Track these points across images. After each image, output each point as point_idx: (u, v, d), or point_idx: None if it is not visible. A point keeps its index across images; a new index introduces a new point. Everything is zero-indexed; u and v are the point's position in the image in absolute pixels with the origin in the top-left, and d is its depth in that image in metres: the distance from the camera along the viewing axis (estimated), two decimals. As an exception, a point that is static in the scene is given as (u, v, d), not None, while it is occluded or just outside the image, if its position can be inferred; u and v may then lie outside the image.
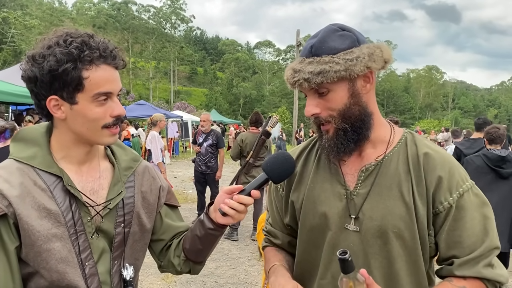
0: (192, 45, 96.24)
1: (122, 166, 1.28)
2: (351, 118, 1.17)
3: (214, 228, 1.25)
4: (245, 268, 5.19)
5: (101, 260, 1.17)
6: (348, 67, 1.10)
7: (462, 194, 1.15)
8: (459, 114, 76.53)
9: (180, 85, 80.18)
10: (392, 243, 1.15)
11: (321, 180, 1.27)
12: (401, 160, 1.19)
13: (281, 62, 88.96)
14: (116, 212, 1.21)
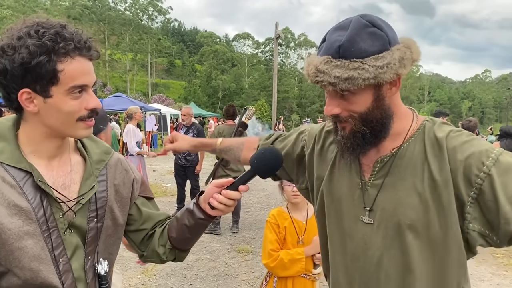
0: (170, 37, 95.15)
1: (94, 159, 1.24)
2: (372, 122, 1.14)
3: (204, 218, 1.26)
4: (225, 260, 5.20)
5: (75, 256, 1.15)
6: (377, 75, 1.05)
7: (497, 158, 1.06)
8: (435, 106, 77.82)
9: (158, 78, 79.19)
10: (405, 234, 1.12)
11: (342, 166, 1.28)
12: (418, 149, 1.16)
13: (260, 55, 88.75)
14: (89, 207, 1.18)
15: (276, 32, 26.38)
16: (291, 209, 2.54)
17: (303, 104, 72.60)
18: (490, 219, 1.06)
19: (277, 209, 2.59)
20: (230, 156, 1.67)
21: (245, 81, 76.33)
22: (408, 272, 1.14)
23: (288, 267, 2.38)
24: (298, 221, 2.50)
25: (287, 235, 2.47)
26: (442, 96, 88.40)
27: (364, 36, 1.06)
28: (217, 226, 6.40)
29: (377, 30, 1.08)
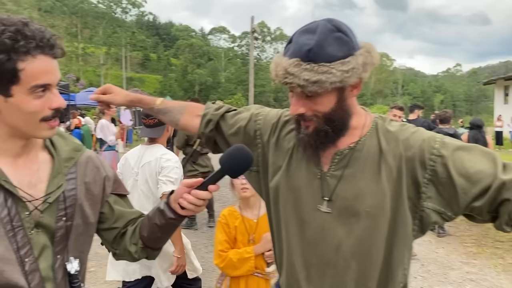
0: (145, 30, 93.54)
1: (63, 157, 1.22)
2: (334, 122, 1.21)
3: (175, 218, 1.26)
4: (202, 255, 5.21)
5: (43, 255, 1.13)
6: (343, 79, 1.12)
7: (443, 141, 1.20)
8: (408, 99, 79.20)
9: (133, 72, 77.94)
10: (363, 221, 1.20)
11: (299, 157, 1.32)
12: (373, 143, 1.25)
13: (236, 49, 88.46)
14: (57, 206, 1.16)
15: (252, 26, 26.32)
16: (243, 208, 2.52)
17: (280, 98, 72.78)
18: (446, 196, 1.18)
19: (228, 209, 2.57)
20: (168, 118, 1.60)
21: (221, 75, 75.97)
22: (365, 255, 1.22)
23: (237, 267, 2.37)
24: (249, 219, 2.48)
25: (238, 234, 2.46)
26: (415, 89, 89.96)
27: (331, 41, 1.12)
28: (193, 221, 6.42)
29: (343, 36, 1.14)
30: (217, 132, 1.52)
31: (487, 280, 4.61)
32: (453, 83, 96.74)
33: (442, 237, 6.26)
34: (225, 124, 1.51)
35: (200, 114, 1.56)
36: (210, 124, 1.51)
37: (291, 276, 1.31)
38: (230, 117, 1.51)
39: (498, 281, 4.61)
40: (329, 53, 1.11)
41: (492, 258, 5.33)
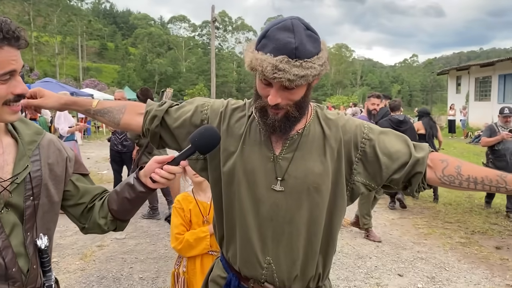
0: (101, 19, 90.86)
1: (26, 140, 1.29)
2: (302, 108, 1.36)
3: (145, 191, 1.36)
4: (165, 243, 5.27)
5: (14, 233, 1.20)
6: (320, 72, 1.27)
7: (369, 127, 1.46)
8: (366, 90, 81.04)
9: (90, 61, 75.66)
10: (312, 195, 1.37)
11: (251, 143, 1.44)
12: (317, 128, 1.43)
13: (197, 38, 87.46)
14: (25, 186, 1.23)
15: (213, 16, 26.12)
16: (196, 192, 2.63)
17: (242, 89, 72.84)
18: (371, 171, 1.43)
19: (183, 194, 2.68)
20: (107, 119, 1.63)
21: (182, 65, 75.02)
22: (313, 224, 1.40)
23: (194, 246, 2.48)
24: (203, 202, 2.60)
25: (193, 216, 2.57)
26: (373, 80, 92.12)
27: (307, 39, 1.25)
28: (155, 212, 6.41)
29: (313, 34, 1.28)
30: (162, 127, 1.57)
31: (435, 258, 4.92)
32: (410, 74, 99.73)
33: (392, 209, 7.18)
34: (169, 118, 1.56)
35: (142, 112, 1.61)
36: (155, 120, 1.56)
37: (246, 249, 1.44)
38: (174, 111, 1.58)
39: (445, 258, 4.93)
40: (309, 50, 1.24)
41: (441, 238, 5.68)
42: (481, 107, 22.68)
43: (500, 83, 21.19)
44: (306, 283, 1.45)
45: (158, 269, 4.45)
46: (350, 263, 4.66)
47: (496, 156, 6.59)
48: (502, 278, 4.37)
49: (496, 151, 6.58)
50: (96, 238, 5.35)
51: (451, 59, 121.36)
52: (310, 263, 1.43)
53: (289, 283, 1.43)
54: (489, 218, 6.64)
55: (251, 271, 1.44)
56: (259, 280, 1.44)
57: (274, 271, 1.41)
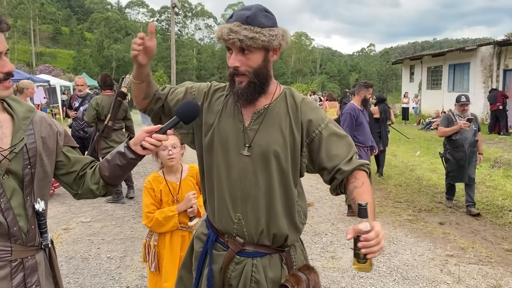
0: (55, 2, 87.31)
1: (20, 116, 1.46)
2: (260, 76, 1.60)
3: (135, 158, 1.57)
4: (131, 225, 5.42)
5: (14, 196, 1.38)
6: (269, 40, 1.54)
7: (327, 124, 1.67)
8: (325, 78, 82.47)
9: (43, 47, 72.82)
10: (272, 162, 1.62)
11: (226, 116, 1.70)
12: (282, 106, 1.68)
13: (155, 24, 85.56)
14: (22, 156, 1.41)
15: (172, 1, 25.76)
16: (166, 173, 2.81)
17: (203, 76, 72.30)
18: (313, 157, 1.69)
19: (153, 175, 2.84)
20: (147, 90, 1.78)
21: (141, 52, 73.19)
22: (272, 187, 1.65)
23: (163, 224, 2.68)
24: (172, 182, 2.79)
25: (163, 196, 2.76)
26: (332, 68, 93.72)
27: (262, 15, 1.57)
28: (120, 196, 6.51)
29: (269, 15, 1.60)
30: (163, 107, 1.82)
31: (385, 233, 5.34)
32: (367, 63, 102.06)
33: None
34: (168, 99, 1.83)
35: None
36: (158, 102, 1.81)
37: (221, 207, 1.69)
38: (170, 93, 1.85)
39: (394, 233, 5.36)
40: (261, 22, 1.54)
41: (391, 216, 6.12)
42: (432, 95, 23.75)
43: (450, 73, 22.23)
44: (272, 238, 1.68)
45: (125, 249, 4.62)
46: (307, 239, 5.00)
47: (453, 146, 6.37)
48: (443, 249, 4.83)
49: (453, 141, 6.36)
50: (62, 222, 5.43)
51: (407, 49, 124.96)
52: (273, 221, 1.66)
53: (256, 237, 1.67)
54: (435, 197, 7.17)
55: (225, 226, 1.70)
56: (231, 234, 1.69)
57: (244, 226, 1.66)
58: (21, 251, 1.41)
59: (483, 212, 6.23)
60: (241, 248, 1.69)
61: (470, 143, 6.26)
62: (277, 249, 1.73)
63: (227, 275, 1.71)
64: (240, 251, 1.69)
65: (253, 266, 1.69)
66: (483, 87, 19.00)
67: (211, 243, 1.75)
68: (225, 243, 1.72)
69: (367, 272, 1.37)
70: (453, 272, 4.17)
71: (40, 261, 1.49)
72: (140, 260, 4.29)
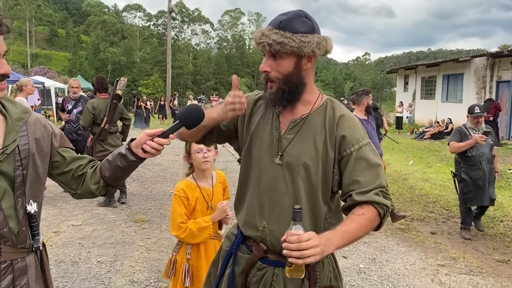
0: (52, 4, 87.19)
1: (14, 117, 1.45)
2: (290, 83, 1.57)
3: (136, 160, 1.55)
4: (122, 229, 5.38)
5: (5, 198, 1.37)
6: (300, 46, 1.50)
7: (361, 146, 1.57)
8: (320, 86, 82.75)
9: (39, 48, 72.54)
10: (300, 173, 1.59)
11: (265, 122, 1.71)
12: (320, 119, 1.64)
13: (152, 28, 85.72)
14: (14, 157, 1.40)
15: (169, 6, 25.78)
16: (198, 179, 2.66)
17: (198, 81, 72.26)
18: (341, 176, 1.61)
19: (184, 182, 2.66)
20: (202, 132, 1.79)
21: (136, 55, 73.36)
22: (300, 199, 1.61)
23: (197, 235, 2.55)
24: (206, 188, 2.66)
25: (197, 204, 2.61)
26: (327, 76, 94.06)
27: (298, 20, 1.53)
28: (112, 199, 6.47)
29: (307, 20, 1.56)
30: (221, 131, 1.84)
31: (377, 242, 5.34)
32: (362, 71, 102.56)
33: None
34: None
35: None
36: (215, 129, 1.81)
37: (249, 212, 1.70)
38: None
39: (386, 242, 5.36)
40: (294, 27, 1.52)
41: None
42: (426, 105, 23.89)
43: (444, 83, 22.39)
44: None
45: (116, 253, 4.58)
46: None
47: (469, 164, 5.49)
48: (435, 259, 4.84)
49: (469, 158, 5.48)
50: (52, 225, 5.39)
51: (401, 58, 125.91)
52: None
53: (278, 247, 1.62)
54: (427, 207, 7.20)
55: (249, 231, 1.70)
56: (255, 240, 1.69)
57: (267, 234, 1.65)
58: (11, 252, 1.40)
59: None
60: (263, 255, 1.68)
61: (487, 160, 5.49)
62: None
63: (248, 279, 1.71)
64: (262, 258, 1.69)
65: (274, 275, 1.67)
66: (476, 98, 19.13)
67: (237, 244, 1.76)
68: (250, 246, 1.73)
69: (298, 277, 1.37)
70: (444, 282, 4.17)
71: (30, 263, 1.47)
72: (130, 265, 4.27)
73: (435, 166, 11.21)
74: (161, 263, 4.36)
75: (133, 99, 23.33)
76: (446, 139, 18.24)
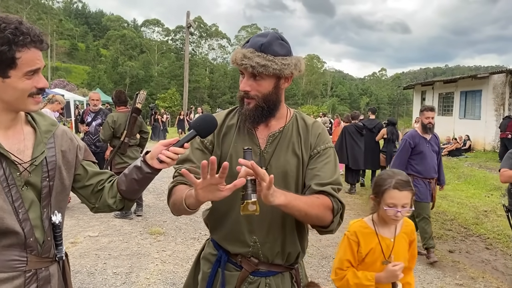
0: (73, 18, 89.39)
1: (42, 129, 1.51)
2: (269, 102, 1.65)
3: (151, 172, 1.56)
4: (137, 241, 5.42)
5: (32, 208, 1.42)
6: (281, 69, 1.58)
7: (326, 148, 1.73)
8: (336, 101, 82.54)
9: (59, 61, 74.19)
10: (289, 181, 1.68)
11: (241, 140, 1.72)
12: (294, 129, 1.75)
13: (170, 43, 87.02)
14: (41, 169, 1.45)
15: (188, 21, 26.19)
16: (379, 224, 2.20)
17: (214, 95, 72.89)
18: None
19: (360, 223, 2.25)
20: None
21: (154, 69, 74.42)
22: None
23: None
24: (385, 238, 2.18)
25: (369, 255, 2.16)
26: (343, 91, 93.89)
27: (277, 43, 1.61)
28: (128, 211, 6.52)
29: (284, 43, 1.64)
30: None
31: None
32: (378, 87, 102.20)
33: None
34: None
35: None
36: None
37: (235, 229, 1.70)
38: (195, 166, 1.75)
39: (403, 260, 5.29)
40: (275, 50, 1.58)
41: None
42: (443, 122, 23.61)
43: (461, 99, 22.17)
44: (286, 257, 1.72)
45: (132, 265, 4.61)
46: (314, 263, 4.95)
47: None
48: (453, 278, 4.75)
49: None
50: (69, 235, 5.45)
51: (418, 74, 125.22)
52: (288, 240, 1.71)
53: (272, 258, 1.70)
54: (445, 224, 7.09)
55: (239, 249, 1.71)
56: (246, 256, 1.70)
57: (259, 248, 1.69)
58: (36, 262, 1.44)
59: (493, 242, 6.14)
60: (255, 268, 1.70)
61: None
62: (288, 267, 1.76)
63: None
64: (254, 271, 1.71)
65: (266, 285, 1.71)
66: (494, 115, 18.88)
67: (224, 264, 1.74)
68: (238, 263, 1.72)
69: (254, 214, 1.39)
70: (462, 302, 4.09)
71: (53, 273, 1.50)
72: (146, 277, 4.29)
73: (453, 184, 11.05)
74: (176, 276, 4.37)
75: (150, 112, 23.60)
76: (464, 156, 18.00)
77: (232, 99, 70.62)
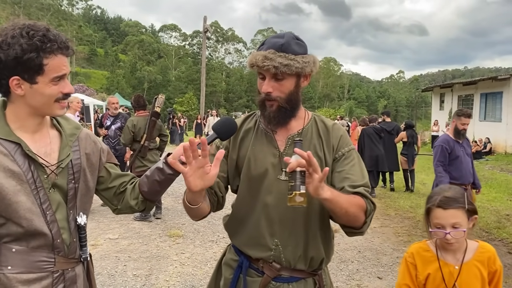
0: (92, 24, 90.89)
1: (67, 133, 1.55)
2: (291, 102, 1.65)
3: (173, 173, 1.57)
4: (157, 244, 5.48)
5: (59, 209, 1.46)
6: (303, 67, 1.59)
7: (349, 150, 1.72)
8: (353, 104, 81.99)
9: (78, 67, 75.43)
10: None
11: (259, 143, 1.73)
12: (314, 131, 1.74)
13: (187, 47, 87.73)
14: (67, 171, 1.49)
15: (205, 26, 26.39)
16: (441, 247, 1.94)
17: (231, 99, 73.19)
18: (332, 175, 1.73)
19: (420, 245, 2.02)
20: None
21: (171, 74, 75.16)
22: (310, 209, 1.65)
23: None
24: (449, 264, 1.91)
25: (429, 282, 1.93)
26: (360, 94, 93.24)
27: (294, 43, 1.61)
28: (148, 214, 6.59)
29: (300, 42, 1.65)
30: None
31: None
32: (396, 89, 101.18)
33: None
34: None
35: None
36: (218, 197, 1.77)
37: (255, 234, 1.68)
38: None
39: (423, 264, 5.22)
40: (294, 49, 1.59)
41: (419, 246, 5.97)
42: (463, 124, 23.28)
43: (481, 101, 21.81)
44: (308, 262, 1.69)
45: (151, 267, 4.66)
46: (333, 266, 4.93)
47: None
48: (474, 282, 4.67)
49: None
50: (90, 238, 5.53)
51: (436, 76, 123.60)
52: (311, 244, 1.68)
53: (294, 262, 1.67)
54: (466, 228, 6.96)
55: (260, 253, 1.68)
56: (267, 261, 1.68)
57: (281, 252, 1.66)
58: (63, 262, 1.48)
59: (516, 246, 6.01)
60: (277, 274, 1.68)
61: None
62: (311, 273, 1.72)
63: None
64: (276, 277, 1.68)
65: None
66: (516, 117, 18.53)
67: (245, 270, 1.73)
68: (260, 268, 1.70)
69: (301, 205, 1.38)
70: (485, 307, 4.02)
71: (79, 273, 1.54)
72: (165, 279, 4.33)
73: (474, 187, 10.86)
74: (195, 278, 4.40)
75: (168, 116, 23.82)
76: (485, 159, 17.69)
77: (248, 103, 70.81)
